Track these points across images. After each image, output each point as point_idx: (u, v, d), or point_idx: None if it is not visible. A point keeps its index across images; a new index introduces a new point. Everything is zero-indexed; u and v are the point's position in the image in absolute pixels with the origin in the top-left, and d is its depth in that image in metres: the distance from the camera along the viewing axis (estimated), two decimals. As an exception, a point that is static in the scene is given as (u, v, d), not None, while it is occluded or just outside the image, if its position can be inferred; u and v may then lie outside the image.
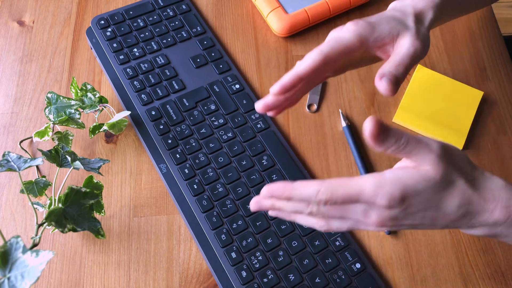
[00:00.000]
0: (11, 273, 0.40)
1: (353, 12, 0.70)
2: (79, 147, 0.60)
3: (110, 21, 0.67)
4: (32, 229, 0.55)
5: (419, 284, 0.53)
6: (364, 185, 0.38)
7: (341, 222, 0.41)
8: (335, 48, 0.45)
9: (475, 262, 0.54)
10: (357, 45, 0.45)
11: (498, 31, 0.69)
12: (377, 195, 0.38)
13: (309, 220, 0.42)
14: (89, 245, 0.55)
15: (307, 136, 0.62)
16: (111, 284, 0.53)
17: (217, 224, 0.54)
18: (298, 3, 0.68)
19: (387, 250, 0.55)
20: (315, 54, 0.45)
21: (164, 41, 0.66)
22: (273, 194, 0.40)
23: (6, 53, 0.66)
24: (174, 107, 0.61)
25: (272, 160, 0.58)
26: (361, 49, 0.46)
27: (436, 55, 0.67)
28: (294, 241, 0.54)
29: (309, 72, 0.45)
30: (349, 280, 0.52)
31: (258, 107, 0.47)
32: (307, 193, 0.39)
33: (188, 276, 0.53)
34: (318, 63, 0.44)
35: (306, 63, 0.45)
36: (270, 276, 0.52)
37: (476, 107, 0.62)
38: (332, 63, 0.45)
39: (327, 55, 0.45)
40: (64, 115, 0.57)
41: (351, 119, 0.63)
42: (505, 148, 0.61)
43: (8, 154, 0.51)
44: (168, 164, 0.58)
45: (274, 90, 0.45)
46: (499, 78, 0.66)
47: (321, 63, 0.44)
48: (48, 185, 0.55)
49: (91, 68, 0.66)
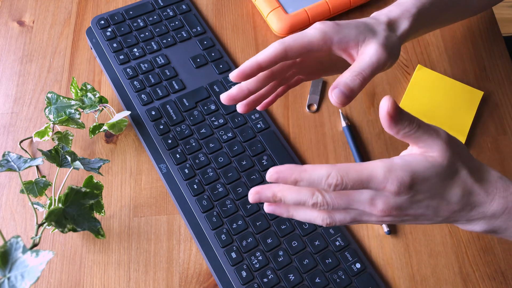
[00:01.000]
0: (11, 273, 0.40)
1: (353, 12, 0.70)
2: (79, 147, 0.60)
3: (110, 21, 0.67)
4: (32, 229, 0.55)
5: (419, 284, 0.53)
6: (375, 170, 0.38)
7: (344, 214, 0.40)
8: (297, 41, 0.45)
9: (475, 262, 0.54)
10: (320, 43, 0.45)
11: (498, 31, 0.69)
12: (387, 180, 0.37)
13: (310, 215, 0.41)
14: (89, 245, 0.55)
15: (307, 136, 0.62)
16: (111, 284, 0.53)
17: (217, 224, 0.54)
18: (298, 3, 0.68)
19: (387, 250, 0.55)
20: (276, 44, 0.45)
21: (164, 41, 0.66)
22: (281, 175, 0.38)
23: (6, 53, 0.66)
24: (174, 107, 0.61)
25: (272, 160, 0.58)
26: (324, 47, 0.46)
27: (436, 55, 0.67)
28: (294, 241, 0.54)
29: (269, 60, 0.45)
30: (349, 280, 0.52)
31: (222, 98, 0.47)
32: (317, 175, 0.38)
33: (188, 276, 0.53)
34: (278, 52, 0.45)
35: (267, 52, 0.45)
36: (270, 276, 0.52)
37: (476, 107, 0.62)
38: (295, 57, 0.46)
39: (288, 46, 0.45)
40: (64, 115, 0.57)
41: (351, 119, 0.63)
42: (505, 148, 0.61)
43: (8, 154, 0.51)
44: (168, 164, 0.58)
45: (232, 75, 0.45)
46: (499, 78, 0.66)
47: (281, 54, 0.45)
48: (48, 185, 0.55)
49: (91, 68, 0.66)
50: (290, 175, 0.38)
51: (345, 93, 0.44)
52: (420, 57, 0.67)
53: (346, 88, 0.44)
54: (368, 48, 0.46)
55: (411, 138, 0.39)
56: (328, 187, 0.38)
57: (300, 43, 0.45)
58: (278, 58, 0.45)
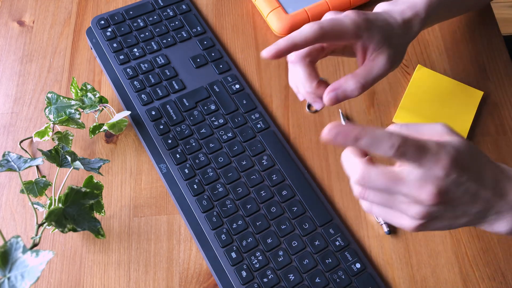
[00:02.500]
0: (11, 273, 0.40)
1: (353, 12, 0.70)
2: (79, 147, 0.60)
3: (110, 21, 0.67)
4: (32, 229, 0.55)
5: (419, 284, 0.53)
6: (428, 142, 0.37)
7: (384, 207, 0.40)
8: (334, 29, 0.45)
9: (475, 262, 0.54)
10: (352, 36, 0.46)
11: (498, 31, 0.69)
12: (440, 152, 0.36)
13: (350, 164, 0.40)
14: (89, 245, 0.55)
15: (307, 136, 0.62)
16: (111, 284, 0.53)
17: (217, 224, 0.54)
18: (298, 3, 0.68)
19: (387, 250, 0.55)
20: (315, 27, 0.44)
21: (164, 41, 0.66)
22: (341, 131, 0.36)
23: (6, 53, 0.66)
24: (174, 107, 0.61)
25: (272, 160, 0.58)
26: (352, 40, 0.46)
27: (436, 55, 0.67)
28: (294, 241, 0.54)
29: (305, 41, 0.44)
30: (349, 280, 0.52)
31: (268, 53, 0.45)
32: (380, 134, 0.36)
33: (188, 276, 0.53)
34: (316, 35, 0.44)
35: (304, 32, 0.44)
36: (270, 276, 0.52)
37: (476, 107, 0.62)
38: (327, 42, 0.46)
39: (325, 31, 0.44)
40: (64, 115, 0.57)
41: (351, 119, 0.63)
42: (505, 148, 0.61)
43: (8, 154, 0.51)
44: (168, 164, 0.58)
45: (267, 51, 0.44)
46: (499, 78, 0.66)
47: (318, 37, 0.44)
48: (48, 185, 0.55)
49: (91, 68, 0.66)
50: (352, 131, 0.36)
51: (340, 99, 0.46)
52: (420, 57, 0.67)
53: (343, 95, 0.46)
54: (379, 59, 0.47)
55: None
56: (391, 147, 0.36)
57: (337, 31, 0.45)
58: (313, 41, 0.44)
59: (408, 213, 0.39)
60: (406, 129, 0.40)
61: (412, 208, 0.39)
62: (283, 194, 0.56)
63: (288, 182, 0.57)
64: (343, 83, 0.46)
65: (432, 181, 0.37)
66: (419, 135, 0.39)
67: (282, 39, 0.45)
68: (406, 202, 0.39)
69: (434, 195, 0.37)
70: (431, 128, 0.40)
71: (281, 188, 0.56)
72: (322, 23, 0.45)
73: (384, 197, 0.40)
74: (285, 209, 0.55)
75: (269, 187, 0.56)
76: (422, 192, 0.37)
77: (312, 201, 0.56)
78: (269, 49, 0.44)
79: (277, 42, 0.44)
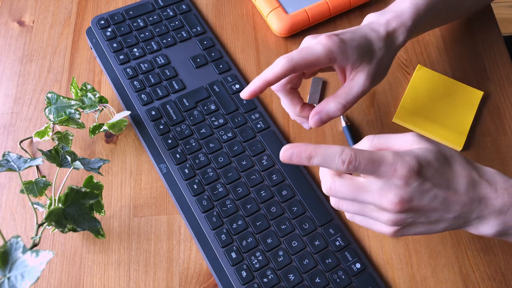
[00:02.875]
0: (11, 273, 0.40)
1: (353, 12, 0.70)
2: (79, 147, 0.60)
3: (110, 21, 0.67)
4: (32, 229, 0.55)
5: (419, 284, 0.53)
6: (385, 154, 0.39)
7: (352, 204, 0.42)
8: (305, 58, 0.46)
9: (475, 262, 0.54)
10: (325, 61, 0.47)
11: (498, 31, 0.69)
12: (397, 163, 0.38)
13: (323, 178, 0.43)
14: (89, 245, 0.55)
15: (307, 136, 0.62)
16: (111, 284, 0.53)
17: (217, 224, 0.54)
18: (298, 3, 0.68)
19: (387, 250, 0.55)
20: (284, 61, 0.46)
21: (164, 41, 0.66)
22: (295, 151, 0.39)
23: (6, 53, 0.66)
24: (174, 107, 0.61)
25: (272, 160, 0.58)
26: (327, 64, 0.48)
27: (436, 55, 0.67)
28: (294, 241, 0.54)
29: (277, 77, 0.46)
30: (349, 280, 0.52)
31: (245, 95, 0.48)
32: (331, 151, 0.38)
33: (188, 276, 0.53)
34: (286, 70, 0.46)
35: (275, 69, 0.46)
36: (270, 276, 0.52)
37: (476, 107, 0.62)
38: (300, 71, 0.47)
39: (296, 64, 0.46)
40: (64, 115, 0.57)
41: (351, 119, 0.63)
42: (505, 148, 0.61)
43: (8, 154, 0.51)
44: (168, 164, 0.58)
45: (244, 94, 0.47)
46: (499, 78, 0.66)
47: (289, 70, 0.46)
48: (48, 185, 0.55)
49: (91, 68, 0.66)
50: (305, 151, 0.39)
51: (324, 121, 0.49)
52: (420, 57, 0.67)
53: (327, 117, 0.49)
54: (357, 77, 0.49)
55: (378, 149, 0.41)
56: (341, 163, 0.38)
57: (308, 60, 0.46)
58: (285, 74, 0.46)
59: (380, 220, 0.41)
60: (378, 141, 0.42)
61: (382, 216, 0.41)
62: (283, 194, 0.56)
63: (288, 182, 0.57)
64: (325, 105, 0.49)
65: (392, 190, 0.39)
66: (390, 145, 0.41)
67: (256, 78, 0.47)
68: (376, 210, 0.41)
69: (396, 203, 0.39)
70: (401, 138, 0.41)
71: (281, 188, 0.56)
72: (292, 55, 0.46)
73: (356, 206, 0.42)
74: (285, 209, 0.55)
75: (269, 187, 0.56)
76: (384, 201, 0.39)
77: (312, 201, 0.56)
78: (246, 90, 0.47)
79: (252, 82, 0.47)
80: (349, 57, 0.48)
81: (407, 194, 0.39)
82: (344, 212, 0.45)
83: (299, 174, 0.57)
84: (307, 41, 0.49)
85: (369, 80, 0.49)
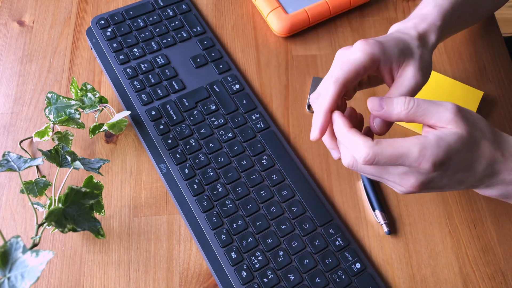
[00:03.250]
0: (11, 273, 0.40)
1: (353, 12, 0.70)
2: (79, 147, 0.60)
3: (110, 21, 0.67)
4: (32, 229, 0.55)
5: (419, 284, 0.53)
6: (410, 148, 0.39)
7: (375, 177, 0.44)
8: (350, 71, 0.44)
9: (475, 262, 0.54)
10: (370, 65, 0.45)
11: (498, 31, 0.69)
12: (422, 157, 0.39)
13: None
14: (89, 245, 0.55)
15: (307, 136, 0.62)
16: (111, 284, 0.53)
17: (217, 224, 0.54)
18: (298, 3, 0.68)
19: (387, 250, 0.55)
20: (332, 83, 0.44)
21: (164, 41, 0.66)
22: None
23: (6, 53, 0.66)
24: (174, 107, 0.61)
25: (272, 160, 0.58)
26: (373, 68, 0.45)
27: (436, 55, 0.67)
28: (294, 241, 0.54)
29: (334, 102, 0.44)
30: (349, 280, 0.52)
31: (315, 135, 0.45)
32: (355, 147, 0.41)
33: (188, 276, 0.53)
34: (339, 91, 0.44)
35: (328, 96, 0.44)
36: (270, 276, 0.52)
37: (476, 107, 0.62)
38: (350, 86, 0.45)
39: (344, 80, 0.44)
40: (64, 115, 0.57)
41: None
42: (505, 148, 0.61)
43: (8, 154, 0.51)
44: (168, 164, 0.58)
45: (315, 136, 0.44)
46: (499, 78, 0.66)
47: (342, 91, 0.44)
48: (48, 185, 0.55)
49: (91, 68, 0.66)
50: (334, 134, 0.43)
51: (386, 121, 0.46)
52: (420, 57, 0.67)
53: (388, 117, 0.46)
54: (407, 72, 0.46)
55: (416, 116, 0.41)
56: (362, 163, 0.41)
57: (352, 71, 0.44)
58: (340, 95, 0.44)
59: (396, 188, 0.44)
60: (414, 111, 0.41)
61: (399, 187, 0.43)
62: (283, 194, 0.56)
63: (288, 182, 0.57)
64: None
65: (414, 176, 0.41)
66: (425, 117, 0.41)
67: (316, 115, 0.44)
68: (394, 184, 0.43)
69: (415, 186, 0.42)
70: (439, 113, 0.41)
71: (281, 188, 0.56)
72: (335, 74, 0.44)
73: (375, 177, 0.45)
74: (285, 209, 0.55)
75: (269, 187, 0.56)
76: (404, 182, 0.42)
77: (312, 201, 0.56)
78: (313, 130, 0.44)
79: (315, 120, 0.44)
80: (392, 55, 0.45)
81: (428, 180, 0.41)
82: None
83: (299, 174, 0.57)
84: (342, 54, 0.46)
85: (420, 72, 0.46)
